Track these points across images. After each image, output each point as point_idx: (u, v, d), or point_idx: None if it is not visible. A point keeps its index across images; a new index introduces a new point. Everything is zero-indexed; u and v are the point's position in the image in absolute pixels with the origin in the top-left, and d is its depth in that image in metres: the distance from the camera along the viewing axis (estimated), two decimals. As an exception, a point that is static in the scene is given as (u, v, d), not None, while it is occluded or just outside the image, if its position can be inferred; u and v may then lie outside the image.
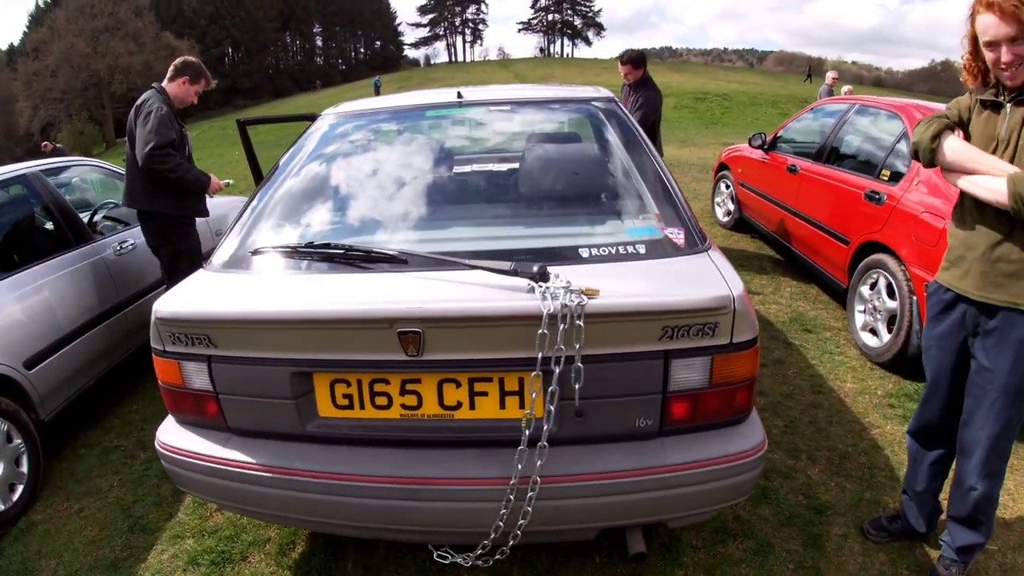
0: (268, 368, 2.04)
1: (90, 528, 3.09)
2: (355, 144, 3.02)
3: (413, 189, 2.71)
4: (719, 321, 1.87)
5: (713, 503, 2.08)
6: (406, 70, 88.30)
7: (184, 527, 3.03)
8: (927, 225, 4.00)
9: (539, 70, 61.22)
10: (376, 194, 2.65)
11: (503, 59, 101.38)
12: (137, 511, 3.18)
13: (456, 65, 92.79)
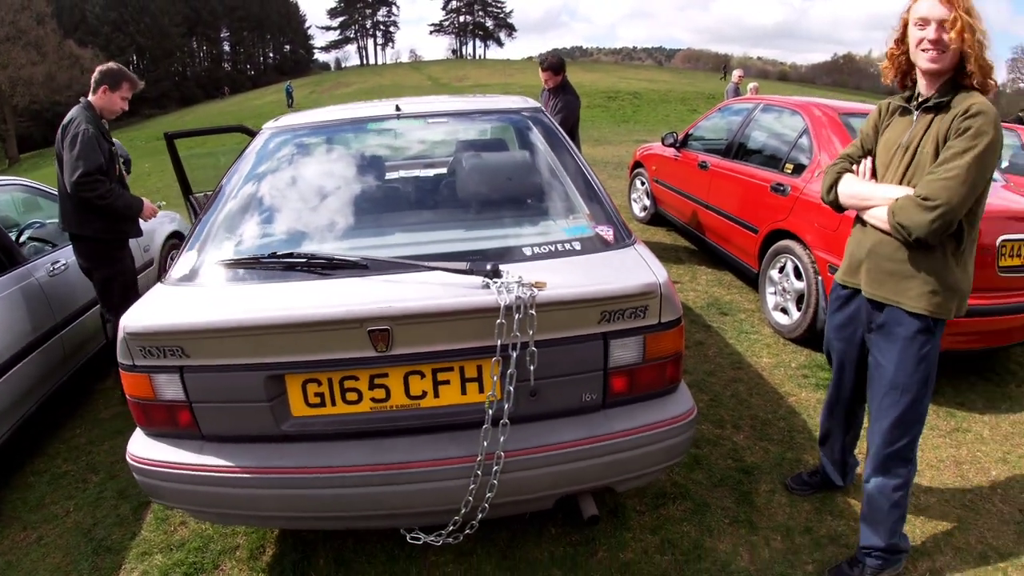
0: (242, 374, 2.13)
1: (53, 555, 3.03)
2: (301, 157, 3.12)
3: (361, 198, 2.90)
4: (648, 304, 2.16)
5: (654, 464, 2.35)
6: (316, 74, 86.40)
7: (150, 544, 3.02)
8: (827, 212, 4.35)
9: (452, 71, 61.03)
10: (327, 204, 2.79)
11: (415, 61, 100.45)
12: (99, 533, 3.13)
13: (368, 68, 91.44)
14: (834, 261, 4.29)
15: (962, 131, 2.20)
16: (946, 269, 2.34)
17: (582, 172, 2.84)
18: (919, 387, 2.45)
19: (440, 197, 3.11)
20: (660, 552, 2.77)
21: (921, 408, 2.50)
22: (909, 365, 2.43)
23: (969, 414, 4.10)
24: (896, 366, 2.45)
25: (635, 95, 37.86)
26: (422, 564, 2.72)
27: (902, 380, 2.44)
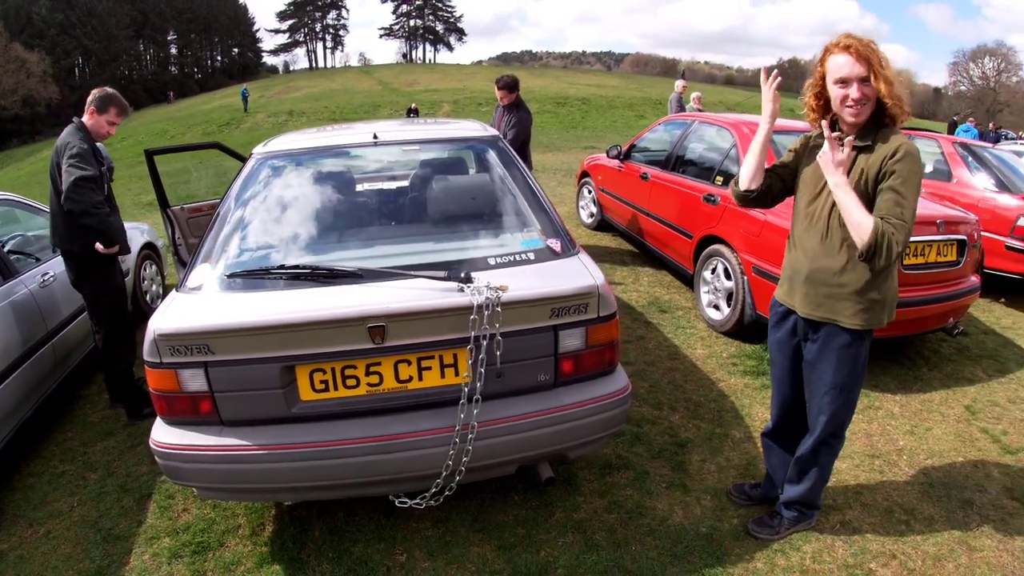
0: (260, 366, 2.51)
1: (64, 546, 3.17)
2: (291, 180, 3.47)
3: (346, 216, 3.37)
4: (589, 302, 2.71)
5: (598, 432, 2.88)
6: (265, 78, 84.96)
7: (156, 529, 3.22)
8: (751, 219, 4.98)
9: (403, 76, 60.55)
10: (317, 222, 3.22)
11: (365, 65, 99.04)
12: (105, 524, 3.30)
13: (317, 72, 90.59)
14: (758, 263, 4.88)
15: (893, 173, 2.42)
16: (875, 286, 2.61)
17: (534, 191, 3.35)
18: (854, 383, 2.81)
19: (414, 214, 3.55)
20: (608, 512, 3.26)
21: (854, 397, 2.87)
22: (845, 368, 2.74)
23: (882, 394, 4.69)
24: (835, 370, 2.75)
25: (584, 100, 38.36)
26: (406, 530, 3.12)
27: (840, 380, 2.76)
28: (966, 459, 3.99)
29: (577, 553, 2.99)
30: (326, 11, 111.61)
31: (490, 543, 3.05)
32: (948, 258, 4.89)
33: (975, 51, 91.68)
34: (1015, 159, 8.32)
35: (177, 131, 38.17)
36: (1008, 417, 4.60)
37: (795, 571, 2.96)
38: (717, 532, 3.17)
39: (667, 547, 3.06)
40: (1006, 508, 3.53)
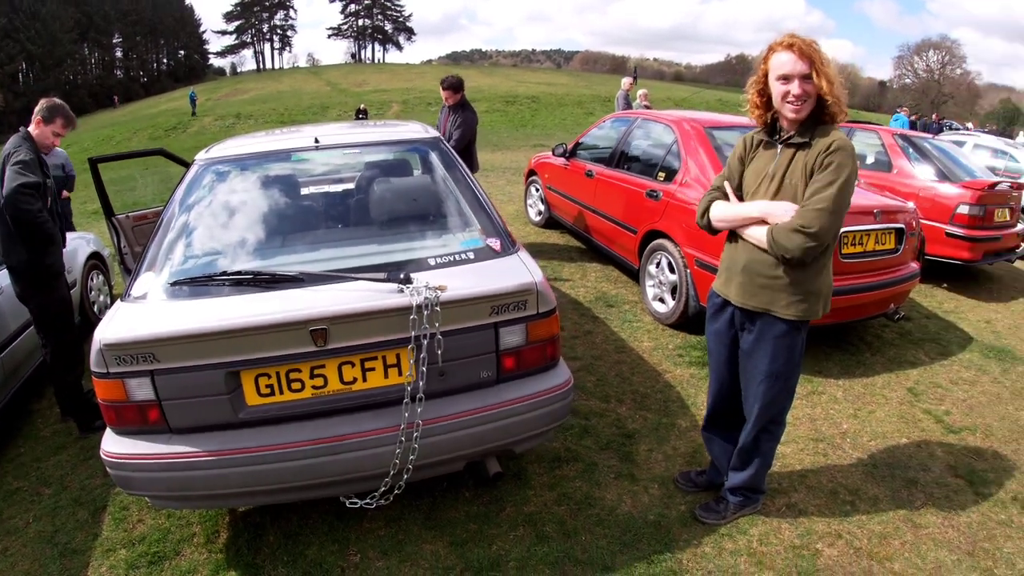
0: (205, 373, 2.53)
1: (21, 563, 3.13)
2: (234, 185, 3.47)
3: (289, 220, 3.38)
4: (527, 299, 2.77)
5: (542, 425, 2.95)
6: (212, 80, 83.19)
7: (113, 542, 3.19)
8: (693, 213, 4.92)
9: (352, 77, 59.98)
10: (260, 227, 3.23)
11: (314, 66, 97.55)
12: (61, 538, 3.26)
13: (265, 73, 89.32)
14: (700, 256, 5.00)
15: (826, 166, 2.53)
16: (810, 279, 2.70)
17: (474, 192, 3.40)
18: (790, 372, 2.89)
19: (356, 217, 3.57)
20: (557, 504, 3.33)
21: (791, 385, 2.96)
22: (781, 357, 2.83)
23: (825, 380, 4.84)
24: (771, 359, 2.84)
25: (533, 99, 38.56)
26: (359, 531, 3.14)
27: (776, 369, 2.85)
28: (909, 440, 4.14)
29: (528, 545, 3.04)
30: (273, 11, 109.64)
31: (442, 540, 3.08)
32: (887, 246, 5.07)
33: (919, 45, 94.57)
34: (955, 149, 8.62)
35: (123, 136, 37.37)
36: (951, 398, 4.78)
37: (742, 554, 3.05)
38: (665, 519, 3.25)
39: (616, 536, 3.13)
40: (950, 485, 3.68)
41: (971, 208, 7.31)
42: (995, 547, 3.24)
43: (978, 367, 5.45)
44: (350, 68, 78.76)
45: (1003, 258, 7.99)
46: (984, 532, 3.34)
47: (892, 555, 3.12)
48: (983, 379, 5.22)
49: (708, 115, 6.53)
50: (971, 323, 6.59)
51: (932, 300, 7.18)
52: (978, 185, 7.46)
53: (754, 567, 2.99)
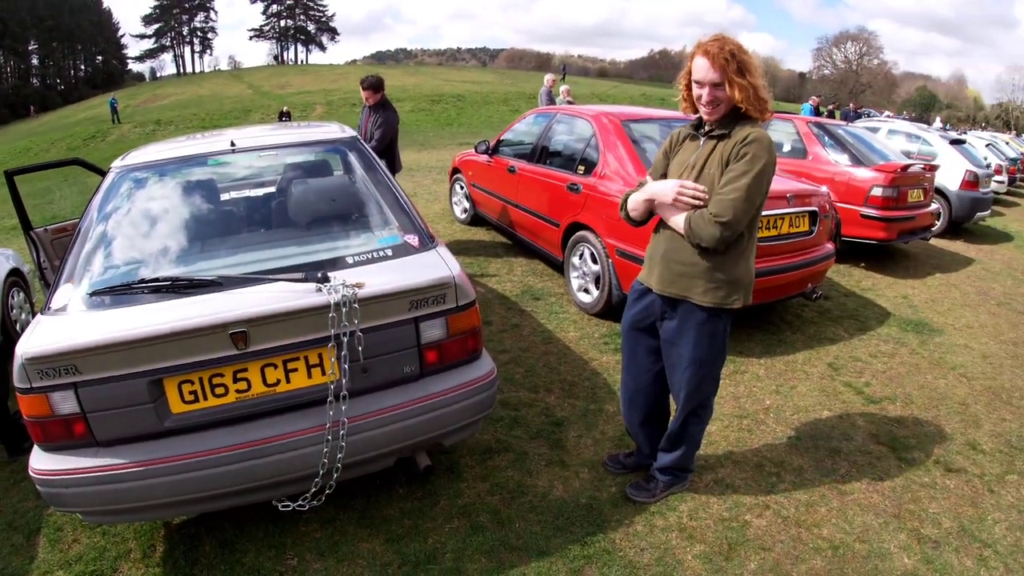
0: (128, 382, 2.49)
1: None
2: (151, 192, 3.42)
3: (207, 225, 3.35)
4: (446, 292, 2.81)
5: (469, 416, 2.99)
6: (131, 86, 79.72)
7: (49, 563, 3.10)
8: (613, 205, 5.20)
9: (274, 79, 58.79)
10: (179, 233, 3.19)
11: (235, 69, 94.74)
12: None
13: (185, 78, 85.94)
14: (621, 246, 5.12)
15: (740, 156, 2.63)
16: (727, 267, 2.79)
17: (392, 190, 3.42)
18: (714, 359, 2.98)
19: (276, 219, 3.54)
20: (491, 494, 3.38)
21: (716, 372, 3.06)
22: (704, 344, 2.91)
23: (747, 359, 5.01)
24: (694, 346, 2.91)
25: (459, 97, 38.53)
26: (294, 534, 3.12)
27: (699, 356, 2.93)
28: (831, 412, 4.34)
29: (464, 536, 3.09)
30: (193, 13, 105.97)
31: (378, 537, 3.10)
32: (801, 228, 5.28)
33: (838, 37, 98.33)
34: (869, 135, 9.00)
35: (41, 147, 35.81)
36: (870, 370, 5.03)
37: (673, 530, 3.16)
38: (596, 501, 3.34)
39: (549, 521, 3.20)
40: (873, 453, 3.88)
41: (884, 190, 7.69)
42: (920, 508, 3.43)
43: (896, 340, 5.73)
44: (272, 70, 76.91)
45: (918, 236, 8.43)
46: (909, 495, 3.53)
47: (820, 522, 3.27)
48: (901, 351, 5.50)
49: (626, 109, 6.68)
50: (888, 299, 6.91)
51: (850, 279, 7.50)
52: (890, 168, 7.84)
53: (685, 541, 3.10)
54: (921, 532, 3.25)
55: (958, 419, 4.42)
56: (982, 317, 6.72)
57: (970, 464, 3.88)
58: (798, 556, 3.04)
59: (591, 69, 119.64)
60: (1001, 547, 3.21)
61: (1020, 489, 3.69)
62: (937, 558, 3.09)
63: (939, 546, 3.17)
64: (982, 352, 5.71)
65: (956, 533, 3.27)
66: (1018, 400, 4.82)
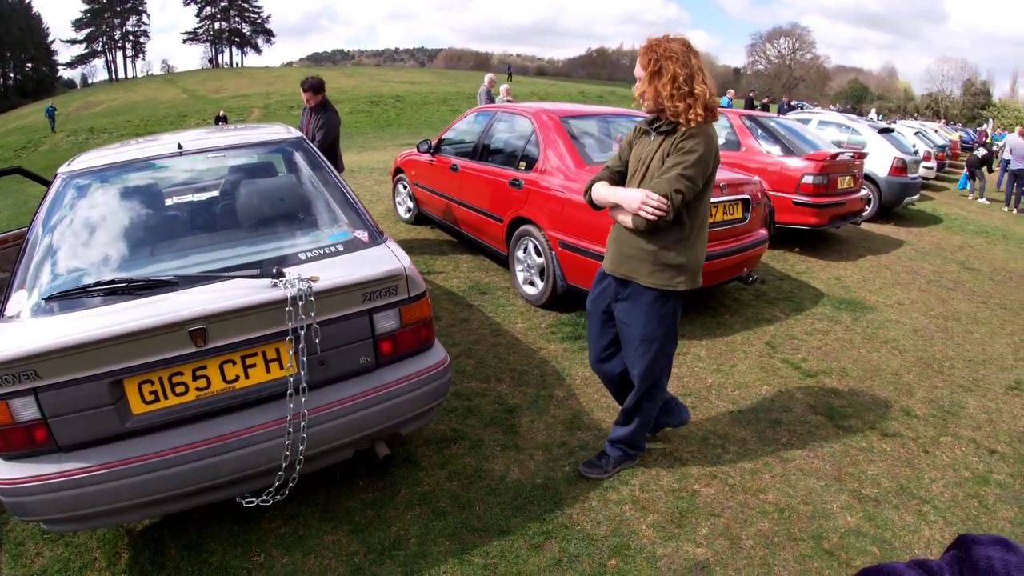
0: (88, 384, 2.49)
1: None
2: (100, 196, 3.38)
3: (158, 227, 3.36)
4: (398, 284, 2.91)
5: (425, 404, 3.09)
6: (62, 93, 76.06)
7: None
8: (554, 199, 5.37)
9: (209, 83, 57.47)
10: (130, 237, 3.19)
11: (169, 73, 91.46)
12: None
13: (118, 83, 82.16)
14: (563, 238, 5.27)
15: (678, 150, 2.85)
16: (670, 253, 2.99)
17: (340, 188, 3.49)
18: (664, 338, 3.15)
19: (226, 221, 3.56)
20: (449, 480, 3.47)
21: (668, 351, 3.24)
22: (653, 323, 3.10)
23: (689, 341, 5.19)
24: (643, 325, 3.12)
25: (398, 98, 38.39)
26: (259, 532, 3.14)
27: (648, 334, 3.12)
28: (771, 387, 4.56)
29: (426, 522, 3.17)
30: (125, 17, 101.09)
31: (342, 529, 3.15)
32: (734, 216, 5.50)
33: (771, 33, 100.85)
34: (800, 126, 9.34)
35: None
36: (806, 347, 5.29)
37: (626, 503, 3.31)
38: (552, 481, 3.47)
39: (508, 501, 3.32)
40: (811, 422, 4.11)
41: (815, 178, 8.04)
42: (859, 471, 3.65)
43: (830, 318, 6.01)
44: (207, 74, 74.66)
45: (849, 221, 8.81)
46: (848, 459, 3.76)
47: (765, 487, 3.47)
48: (835, 328, 5.78)
49: (565, 105, 6.82)
50: (822, 281, 7.22)
51: (785, 264, 7.79)
52: (820, 156, 8.19)
53: (639, 512, 3.25)
54: (862, 492, 3.47)
55: (892, 388, 4.69)
56: (912, 294, 7.07)
57: (905, 429, 4.13)
58: (746, 520, 3.22)
59: (529, 68, 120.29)
60: (939, 503, 3.45)
61: (954, 450, 3.96)
62: (878, 515, 3.30)
63: (879, 504, 3.39)
64: (913, 327, 6.02)
65: (895, 492, 3.50)
66: (948, 369, 5.13)
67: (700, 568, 2.91)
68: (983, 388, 4.86)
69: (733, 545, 3.06)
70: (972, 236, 11.02)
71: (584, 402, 4.27)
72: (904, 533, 3.20)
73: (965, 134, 35.54)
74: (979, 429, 4.24)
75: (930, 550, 3.12)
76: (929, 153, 16.69)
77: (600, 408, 4.20)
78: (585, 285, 5.16)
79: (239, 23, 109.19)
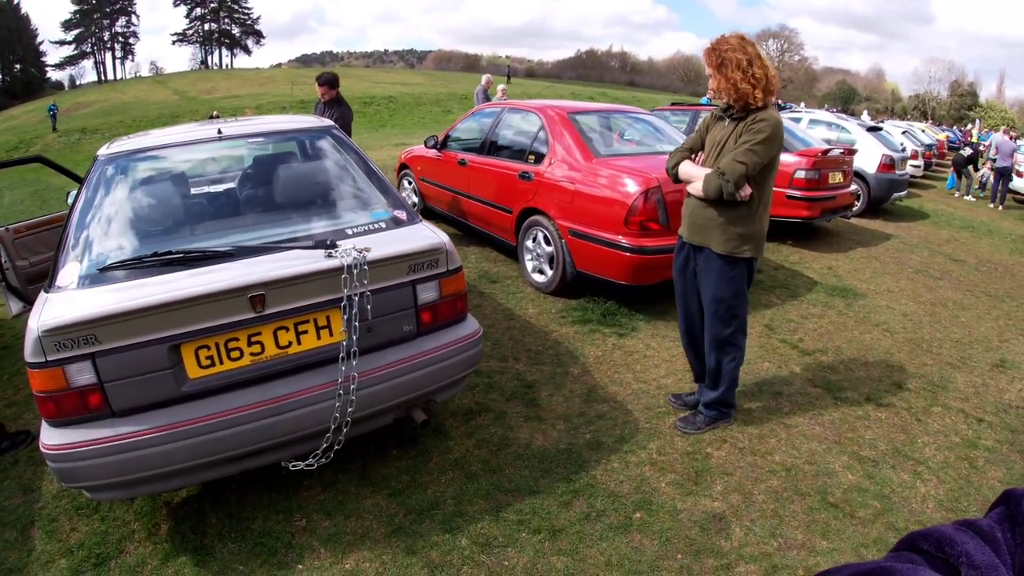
0: (146, 350, 2.56)
1: None
2: (143, 176, 3.52)
3: (202, 207, 3.54)
4: (439, 258, 3.14)
5: (459, 371, 3.31)
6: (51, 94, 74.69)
7: (49, 554, 3.04)
8: (562, 190, 5.61)
9: (200, 84, 56.68)
10: (178, 216, 3.32)
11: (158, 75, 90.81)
12: None
13: (107, 85, 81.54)
14: (573, 226, 5.51)
15: (749, 131, 3.27)
16: (738, 223, 3.39)
17: (374, 171, 3.69)
18: (732, 299, 3.53)
19: (268, 201, 3.66)
20: (478, 448, 3.69)
21: (737, 312, 3.58)
22: (723, 285, 3.49)
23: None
24: (714, 287, 3.51)
25: (390, 99, 38.27)
26: (298, 499, 3.26)
27: (719, 295, 3.52)
28: (771, 364, 4.82)
29: (460, 485, 3.37)
30: (115, 18, 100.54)
31: (380, 493, 3.31)
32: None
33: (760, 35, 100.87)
34: (792, 124, 9.56)
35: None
36: (802, 329, 5.55)
37: (645, 464, 3.56)
38: (574, 447, 3.70)
39: (535, 465, 3.54)
40: (811, 394, 4.37)
41: (807, 173, 8.30)
42: (857, 436, 3.92)
43: (824, 304, 6.27)
44: (197, 75, 73.64)
45: (839, 215, 9.08)
46: (846, 426, 4.02)
47: (771, 450, 3.72)
48: (829, 312, 6.03)
49: (569, 102, 7.04)
50: (815, 270, 7.47)
51: (779, 255, 8.05)
52: (812, 153, 8.44)
53: (657, 472, 3.49)
54: (860, 454, 3.73)
55: (884, 365, 4.95)
56: (901, 283, 7.34)
57: (898, 400, 4.40)
58: (757, 477, 3.47)
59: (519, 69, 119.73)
60: (932, 464, 3.71)
61: (944, 418, 4.22)
62: (877, 474, 3.56)
63: (878, 464, 3.65)
64: (902, 311, 6.29)
65: (891, 454, 3.76)
66: (936, 349, 5.40)
67: (718, 519, 3.15)
68: (970, 365, 5.13)
69: (746, 499, 3.30)
70: (958, 230, 11.26)
71: (599, 378, 4.49)
72: (902, 490, 3.45)
73: (952, 134, 35.88)
74: (967, 401, 4.51)
75: (926, 504, 3.36)
76: (916, 152, 16.94)
77: (614, 383, 4.42)
78: (594, 271, 5.45)
79: (229, 24, 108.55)
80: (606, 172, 5.42)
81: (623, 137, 6.75)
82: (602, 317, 5.50)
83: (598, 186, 5.38)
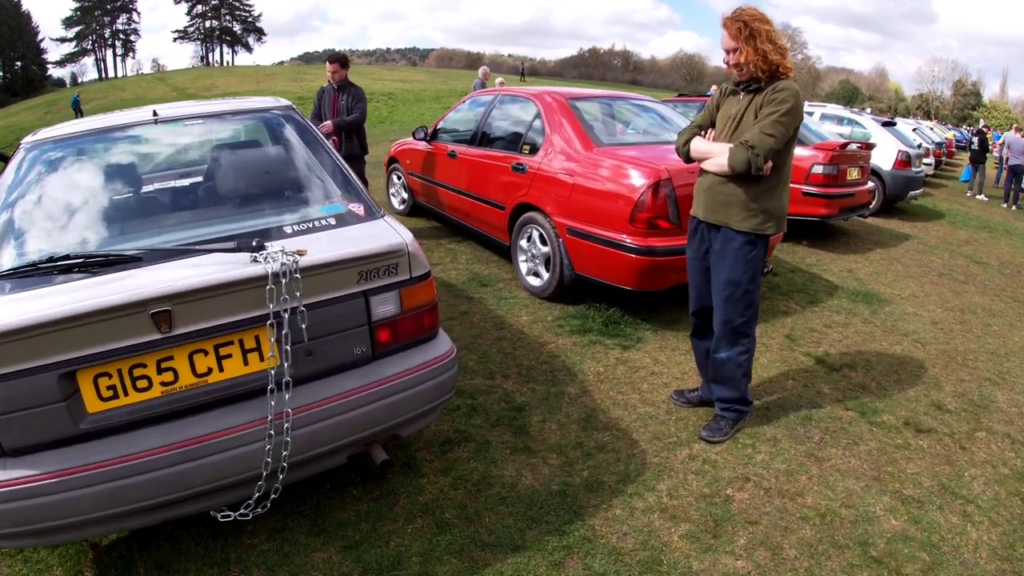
0: (35, 377, 2.15)
1: None
2: (65, 167, 3.06)
3: (128, 202, 3.02)
4: (399, 262, 2.56)
5: (429, 401, 2.74)
6: (52, 91, 75.33)
7: None
8: (560, 183, 5.06)
9: (200, 81, 57.06)
10: (96, 210, 2.85)
11: (159, 72, 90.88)
12: None
13: (107, 82, 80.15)
14: (572, 224, 4.96)
15: (771, 101, 3.10)
16: (761, 199, 3.21)
17: (332, 159, 3.16)
18: (748, 282, 3.31)
19: (205, 195, 3.21)
20: (454, 488, 3.13)
21: (751, 297, 3.37)
22: (739, 266, 3.28)
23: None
24: (730, 268, 3.31)
25: (390, 95, 38.33)
26: (238, 548, 2.80)
27: (734, 277, 3.30)
28: (796, 381, 4.31)
29: (429, 537, 2.84)
30: (116, 15, 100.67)
31: (334, 545, 2.82)
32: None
33: None
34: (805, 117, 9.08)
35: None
36: (827, 340, 5.07)
37: (654, 511, 3.02)
38: (569, 487, 3.15)
39: (521, 512, 2.99)
40: (843, 419, 3.87)
41: (825, 168, 7.88)
42: (898, 470, 3.43)
43: (848, 311, 5.83)
44: (198, 72, 73.25)
45: (857, 213, 8.70)
46: (885, 457, 3.53)
47: (802, 490, 3.21)
48: (854, 321, 5.58)
49: (569, 88, 6.57)
50: (834, 273, 7.06)
51: (794, 256, 7.64)
52: (829, 146, 8.05)
53: (669, 522, 2.96)
54: (903, 493, 3.24)
55: (919, 382, 4.48)
56: (926, 287, 6.92)
57: (939, 424, 3.93)
58: (786, 527, 2.95)
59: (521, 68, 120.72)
60: (982, 502, 3.25)
61: (990, 445, 3.77)
62: (923, 517, 3.08)
63: (923, 505, 3.17)
64: (931, 319, 5.85)
65: (937, 492, 3.29)
66: (972, 362, 4.95)
67: (743, 585, 2.59)
68: (1009, 381, 4.71)
69: (775, 556, 2.76)
70: (976, 231, 10.98)
71: (599, 399, 3.95)
72: (952, 536, 2.98)
73: (959, 133, 36.11)
74: (1012, 423, 4.07)
75: (979, 553, 2.89)
76: (928, 149, 16.67)
77: (617, 406, 3.89)
78: (595, 275, 4.93)
79: (230, 22, 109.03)
80: (609, 163, 4.87)
81: (628, 126, 6.23)
82: (604, 327, 4.97)
83: (600, 179, 4.84)
